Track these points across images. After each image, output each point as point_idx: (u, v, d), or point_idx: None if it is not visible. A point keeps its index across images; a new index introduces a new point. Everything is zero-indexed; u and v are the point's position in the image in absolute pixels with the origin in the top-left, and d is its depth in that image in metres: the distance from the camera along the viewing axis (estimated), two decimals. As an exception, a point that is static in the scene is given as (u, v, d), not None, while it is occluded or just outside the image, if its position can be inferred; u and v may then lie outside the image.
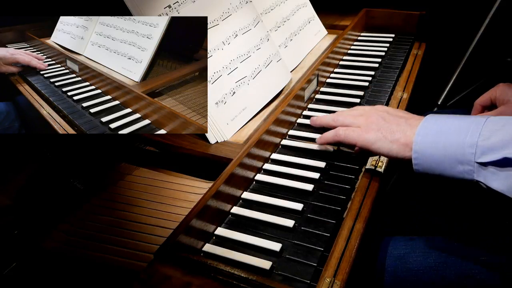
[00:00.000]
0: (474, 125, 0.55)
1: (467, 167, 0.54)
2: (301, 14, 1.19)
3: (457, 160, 0.55)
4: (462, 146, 0.54)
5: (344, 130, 0.69)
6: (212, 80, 0.81)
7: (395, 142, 0.62)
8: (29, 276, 0.61)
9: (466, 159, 0.54)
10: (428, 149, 0.58)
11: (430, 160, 0.58)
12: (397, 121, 0.64)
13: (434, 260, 0.69)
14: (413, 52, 1.16)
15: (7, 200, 0.72)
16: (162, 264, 0.53)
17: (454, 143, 0.55)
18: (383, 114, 0.67)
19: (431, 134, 0.58)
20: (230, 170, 0.65)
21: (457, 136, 0.55)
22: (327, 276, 0.54)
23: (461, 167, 0.55)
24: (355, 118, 0.71)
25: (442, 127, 0.58)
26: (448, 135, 0.56)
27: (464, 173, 0.55)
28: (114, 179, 0.78)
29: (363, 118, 0.69)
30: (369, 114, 0.69)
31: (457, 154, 0.55)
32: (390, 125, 0.64)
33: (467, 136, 0.54)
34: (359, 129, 0.67)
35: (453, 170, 0.56)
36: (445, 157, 0.56)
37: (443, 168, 0.57)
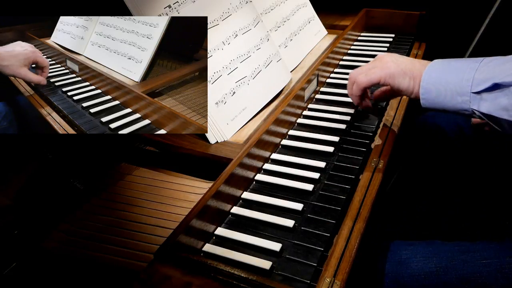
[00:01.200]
0: (472, 64, 0.65)
1: (464, 97, 0.64)
2: (301, 14, 1.19)
3: (456, 93, 0.65)
4: (461, 80, 0.65)
5: (364, 76, 0.77)
6: (212, 80, 0.81)
7: (412, 78, 0.72)
8: (29, 276, 0.61)
9: (463, 91, 0.64)
10: (433, 85, 0.68)
11: (434, 94, 0.68)
12: (411, 61, 0.74)
13: (436, 264, 0.69)
14: (413, 52, 1.16)
15: (7, 200, 0.72)
16: (162, 264, 0.53)
17: (455, 78, 0.65)
18: (396, 56, 0.77)
19: (437, 71, 0.68)
20: (230, 170, 0.65)
21: (456, 74, 0.65)
22: (327, 276, 0.54)
23: (460, 98, 0.65)
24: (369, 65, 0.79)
25: (445, 67, 0.68)
26: (450, 73, 0.66)
27: (462, 103, 0.65)
28: (114, 179, 0.78)
29: (378, 62, 0.78)
30: (382, 59, 0.78)
31: (456, 87, 0.65)
32: (406, 64, 0.73)
33: (465, 72, 0.64)
34: (378, 69, 0.76)
35: (453, 102, 0.66)
36: (446, 91, 0.66)
37: (445, 101, 0.67)
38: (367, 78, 0.77)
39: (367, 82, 0.77)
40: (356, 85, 0.79)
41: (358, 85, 0.78)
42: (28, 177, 0.76)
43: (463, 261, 0.69)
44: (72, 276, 0.61)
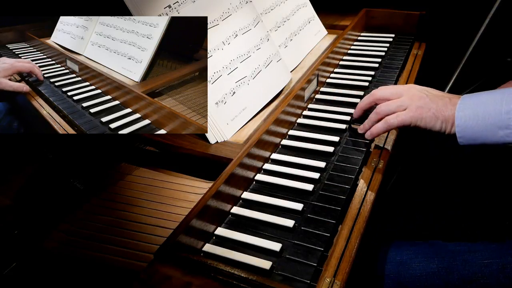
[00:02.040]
0: (506, 95, 0.65)
1: (507, 131, 0.64)
2: (301, 14, 1.19)
3: (497, 127, 0.64)
4: (500, 113, 0.64)
5: (395, 117, 0.74)
6: (212, 80, 0.81)
7: (444, 121, 0.70)
8: (29, 276, 0.61)
9: (504, 124, 0.64)
10: (469, 121, 0.67)
11: (472, 131, 0.67)
12: (443, 100, 0.71)
13: (437, 265, 0.69)
14: (413, 52, 1.16)
15: (7, 200, 0.72)
16: (162, 264, 0.53)
17: (492, 112, 0.65)
18: (426, 93, 0.74)
19: (470, 108, 0.67)
20: (230, 170, 0.65)
21: (493, 106, 0.65)
22: (327, 276, 0.54)
23: (501, 132, 0.64)
24: (398, 103, 0.75)
25: (479, 101, 0.67)
26: (485, 107, 0.66)
27: (504, 137, 0.64)
28: (114, 179, 0.77)
29: (406, 99, 0.74)
30: (410, 94, 0.75)
31: (496, 121, 0.64)
32: (437, 105, 0.71)
33: (502, 104, 0.64)
34: (409, 110, 0.73)
35: (495, 136, 0.65)
36: (485, 126, 0.65)
37: (485, 137, 0.66)
38: (398, 120, 0.73)
39: (397, 124, 0.73)
40: (385, 124, 0.75)
41: (388, 125, 0.74)
42: (28, 177, 0.76)
43: (464, 261, 0.68)
44: (72, 276, 0.61)
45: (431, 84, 0.79)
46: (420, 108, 0.71)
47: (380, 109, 0.77)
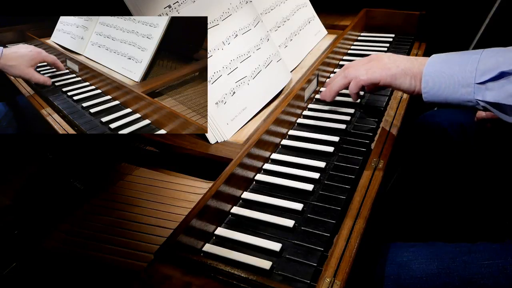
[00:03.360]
0: (473, 56, 0.65)
1: (468, 89, 0.65)
2: (301, 14, 1.19)
3: (460, 84, 0.66)
4: (464, 71, 0.65)
5: (365, 73, 0.77)
6: (212, 80, 0.81)
7: (413, 77, 0.73)
8: (29, 276, 0.61)
9: (467, 82, 0.65)
10: (436, 78, 0.69)
11: (437, 87, 0.69)
12: (409, 59, 0.75)
13: (437, 266, 0.69)
14: (413, 52, 1.16)
15: (7, 200, 0.72)
16: (162, 264, 0.53)
17: (457, 71, 0.66)
18: (394, 57, 0.78)
19: (437, 65, 0.69)
20: (230, 170, 0.65)
21: (459, 66, 0.66)
22: (327, 276, 0.54)
23: (463, 90, 0.66)
24: (366, 65, 0.79)
25: (446, 61, 0.69)
26: (451, 66, 0.67)
27: (465, 95, 0.66)
28: (114, 179, 0.78)
29: (376, 62, 0.78)
30: (380, 59, 0.79)
31: (459, 79, 0.66)
32: (405, 63, 0.74)
33: (468, 64, 0.65)
34: (377, 68, 0.76)
35: (456, 94, 0.67)
36: (449, 83, 0.67)
37: (447, 93, 0.68)
38: (367, 77, 0.77)
39: (367, 81, 0.78)
40: (355, 82, 0.80)
41: (357, 82, 0.79)
42: (28, 177, 0.76)
43: (464, 262, 0.68)
44: (72, 276, 0.61)
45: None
46: (388, 66, 0.75)
47: (349, 72, 0.81)
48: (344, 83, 0.83)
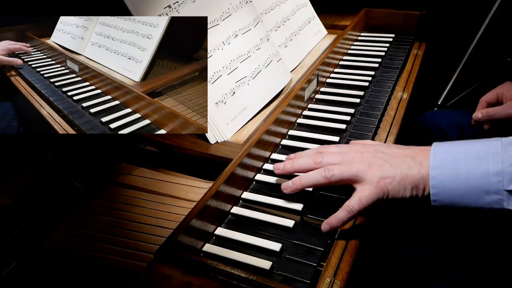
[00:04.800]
0: (492, 150, 0.53)
1: (496, 196, 0.52)
2: (301, 14, 1.19)
3: (483, 191, 0.53)
4: (487, 175, 0.52)
5: (358, 201, 0.58)
6: (212, 80, 0.81)
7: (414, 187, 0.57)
8: (29, 276, 0.61)
9: (493, 188, 0.52)
10: (448, 182, 0.55)
11: (451, 194, 0.55)
12: (405, 162, 0.58)
13: (437, 267, 0.69)
14: (413, 52, 1.16)
15: (7, 200, 0.72)
16: (162, 264, 0.53)
17: (477, 172, 0.53)
18: (383, 156, 0.60)
19: (448, 165, 0.55)
20: (230, 170, 0.65)
21: (478, 165, 0.53)
22: (327, 276, 0.54)
23: (489, 198, 0.53)
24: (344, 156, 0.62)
25: (457, 156, 0.55)
26: (468, 164, 0.54)
27: (492, 203, 0.53)
28: (114, 179, 0.78)
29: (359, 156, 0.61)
30: (362, 151, 0.62)
31: (482, 184, 0.53)
32: (401, 169, 0.58)
33: (489, 163, 0.52)
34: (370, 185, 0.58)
35: (480, 201, 0.54)
36: (469, 189, 0.54)
37: (467, 200, 0.54)
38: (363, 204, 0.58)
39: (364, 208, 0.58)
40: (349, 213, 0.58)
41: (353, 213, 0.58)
42: (28, 177, 0.76)
43: (465, 263, 0.68)
44: (72, 276, 0.61)
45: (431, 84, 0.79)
46: (382, 179, 0.58)
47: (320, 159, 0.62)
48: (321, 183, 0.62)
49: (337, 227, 0.59)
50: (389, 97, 0.96)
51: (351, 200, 0.59)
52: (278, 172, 0.67)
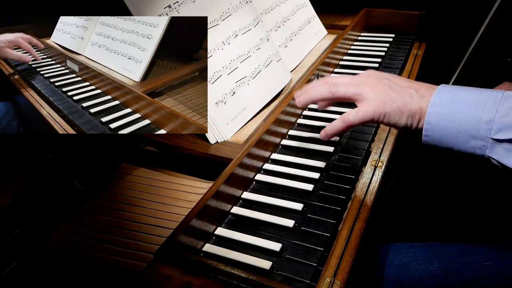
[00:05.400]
0: (491, 100, 0.54)
1: (480, 142, 0.54)
2: (301, 14, 1.19)
3: (470, 135, 0.55)
4: (478, 121, 0.54)
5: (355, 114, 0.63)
6: (212, 80, 0.81)
7: (410, 115, 0.60)
8: (29, 276, 0.61)
9: (480, 134, 0.54)
10: (442, 121, 0.57)
11: (442, 132, 0.57)
12: (408, 92, 0.61)
13: (437, 267, 0.69)
14: (413, 52, 1.16)
15: (7, 200, 0.72)
16: (162, 264, 0.53)
17: (470, 117, 0.54)
18: (388, 82, 0.63)
19: (447, 105, 0.57)
20: (230, 170, 0.65)
21: (473, 111, 0.54)
22: (327, 276, 0.54)
23: (474, 142, 0.55)
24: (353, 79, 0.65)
25: (458, 100, 0.56)
26: (464, 108, 0.55)
27: (475, 148, 0.55)
28: (114, 179, 0.78)
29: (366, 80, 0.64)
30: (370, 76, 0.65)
31: (471, 129, 0.54)
32: (402, 96, 0.60)
33: (484, 111, 0.54)
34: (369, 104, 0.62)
35: (465, 145, 0.56)
36: (458, 131, 0.55)
37: (454, 142, 0.56)
38: (358, 118, 0.62)
39: (358, 122, 0.63)
40: (344, 123, 0.64)
41: (347, 124, 0.64)
42: (28, 177, 0.76)
43: (464, 263, 0.68)
44: (72, 276, 0.61)
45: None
46: (382, 101, 0.61)
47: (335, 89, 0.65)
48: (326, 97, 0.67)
49: (332, 135, 0.66)
50: (389, 97, 0.96)
51: (349, 112, 0.63)
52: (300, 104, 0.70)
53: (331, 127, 0.65)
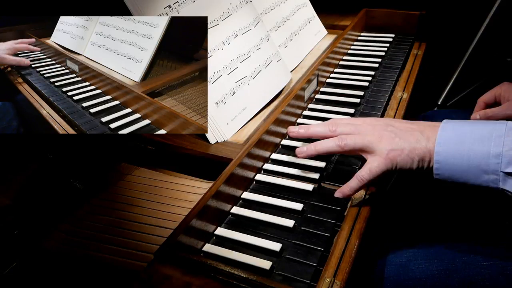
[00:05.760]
0: (496, 133, 0.56)
1: (493, 176, 0.56)
2: (301, 14, 1.19)
3: (482, 170, 0.56)
4: (487, 156, 0.56)
5: (368, 172, 0.63)
6: (212, 80, 0.81)
7: (421, 159, 0.61)
8: (29, 276, 0.61)
9: (491, 169, 0.56)
10: (451, 159, 0.58)
11: (453, 170, 0.59)
12: (414, 136, 0.62)
13: (437, 267, 0.69)
14: (413, 52, 1.16)
15: (7, 200, 0.72)
16: (162, 264, 0.53)
17: (478, 153, 0.56)
18: (391, 129, 0.64)
19: (453, 143, 0.58)
20: (230, 170, 0.65)
21: (480, 146, 0.56)
22: (327, 276, 0.54)
23: (486, 177, 0.56)
24: (357, 127, 0.66)
25: (463, 136, 0.58)
26: (471, 144, 0.57)
27: (489, 182, 0.57)
28: (114, 179, 0.78)
29: (370, 129, 0.65)
30: (374, 124, 0.66)
31: (481, 164, 0.56)
32: (410, 142, 0.62)
33: (491, 146, 0.56)
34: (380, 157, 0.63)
35: (478, 179, 0.57)
36: (469, 167, 0.57)
37: (466, 178, 0.58)
38: (372, 174, 0.63)
39: (373, 178, 0.63)
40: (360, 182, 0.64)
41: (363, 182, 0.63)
42: (28, 177, 0.76)
43: (464, 263, 0.68)
44: (72, 276, 0.61)
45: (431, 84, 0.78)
46: (391, 150, 0.62)
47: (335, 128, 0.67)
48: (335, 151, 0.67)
49: (349, 195, 0.65)
50: (389, 97, 0.96)
51: (362, 170, 0.64)
52: (293, 135, 0.72)
53: (348, 188, 0.65)
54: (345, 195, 0.65)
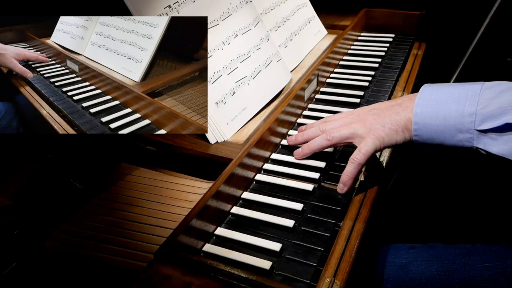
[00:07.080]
0: (471, 93, 0.58)
1: (467, 135, 0.58)
2: (301, 14, 1.19)
3: (456, 129, 0.58)
4: (462, 115, 0.57)
5: (359, 153, 0.65)
6: (212, 80, 0.81)
7: (405, 128, 0.63)
8: (29, 276, 0.61)
9: (465, 127, 0.57)
10: (427, 120, 0.60)
11: (430, 130, 0.61)
12: (393, 110, 0.65)
13: (437, 268, 0.69)
14: (413, 52, 1.16)
15: (7, 200, 0.72)
16: (162, 264, 0.53)
17: (453, 112, 0.58)
18: (374, 111, 0.68)
19: (430, 105, 0.61)
20: (230, 170, 0.65)
21: (456, 106, 0.58)
22: (327, 276, 0.54)
23: (461, 135, 0.58)
24: (344, 120, 0.70)
25: (440, 97, 0.60)
26: (447, 104, 0.59)
27: (463, 141, 0.58)
28: (114, 179, 0.78)
29: (356, 117, 0.69)
30: (359, 113, 0.70)
31: (456, 123, 0.58)
32: (390, 117, 0.65)
33: (466, 105, 0.57)
34: (367, 138, 0.65)
35: (453, 139, 0.59)
36: (445, 127, 0.59)
37: (443, 137, 0.60)
38: (363, 154, 0.65)
39: (366, 158, 0.65)
40: (354, 164, 0.65)
41: (357, 163, 0.65)
42: (28, 177, 0.76)
43: (464, 264, 0.68)
44: (72, 276, 0.61)
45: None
46: (374, 129, 0.65)
47: (324, 127, 0.72)
48: (326, 146, 0.71)
49: (350, 182, 0.66)
50: (389, 97, 0.96)
51: (354, 153, 0.66)
52: (291, 143, 0.77)
53: (347, 176, 0.66)
54: (346, 183, 0.66)
